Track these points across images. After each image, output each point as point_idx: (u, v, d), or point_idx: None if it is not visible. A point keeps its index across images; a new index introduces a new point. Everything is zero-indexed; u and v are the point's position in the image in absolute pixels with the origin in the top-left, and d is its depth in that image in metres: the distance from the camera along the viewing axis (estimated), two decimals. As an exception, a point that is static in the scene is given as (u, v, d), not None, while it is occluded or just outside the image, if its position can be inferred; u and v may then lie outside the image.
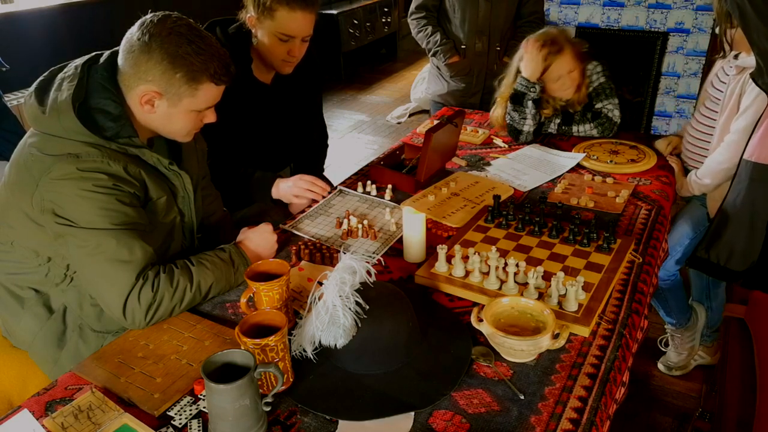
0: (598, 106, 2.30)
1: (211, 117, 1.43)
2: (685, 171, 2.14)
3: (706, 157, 2.05)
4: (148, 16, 1.31)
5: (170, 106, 1.34)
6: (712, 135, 2.04)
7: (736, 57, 1.94)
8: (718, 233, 1.93)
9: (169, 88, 1.31)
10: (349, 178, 2.15)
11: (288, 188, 1.90)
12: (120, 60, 1.33)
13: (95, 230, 1.28)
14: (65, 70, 1.35)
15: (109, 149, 1.31)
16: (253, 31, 1.86)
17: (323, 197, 1.91)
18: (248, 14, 1.83)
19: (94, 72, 1.34)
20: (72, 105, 1.27)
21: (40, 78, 1.35)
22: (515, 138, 2.33)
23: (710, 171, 2.00)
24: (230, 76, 1.37)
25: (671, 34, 3.72)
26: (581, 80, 2.27)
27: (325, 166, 2.44)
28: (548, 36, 2.21)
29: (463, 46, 2.79)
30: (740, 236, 1.89)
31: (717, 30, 1.93)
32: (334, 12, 6.06)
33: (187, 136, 1.44)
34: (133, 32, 1.30)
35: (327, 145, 2.37)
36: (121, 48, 1.33)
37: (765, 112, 1.76)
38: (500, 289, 1.42)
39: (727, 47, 1.94)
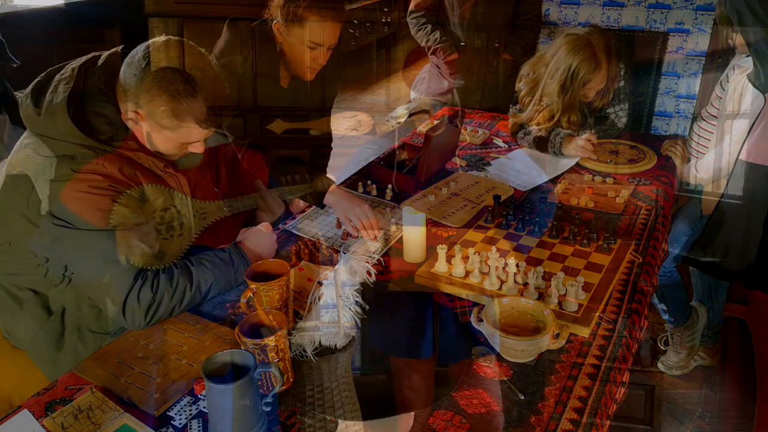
0: (609, 110, 2.28)
1: (198, 149, 1.39)
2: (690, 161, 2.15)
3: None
4: (161, 38, 1.28)
5: (152, 130, 1.32)
6: (714, 133, 2.05)
7: (748, 56, 1.95)
8: (713, 233, 1.94)
9: (152, 116, 1.29)
10: (349, 178, 2.14)
11: (345, 208, 1.74)
12: (122, 68, 1.31)
13: (92, 231, 1.27)
14: (62, 71, 1.34)
15: (104, 151, 1.30)
16: (277, 37, 1.85)
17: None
18: (275, 21, 1.82)
19: (90, 74, 1.33)
20: (66, 108, 1.26)
21: (37, 79, 1.34)
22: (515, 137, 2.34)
23: (706, 167, 2.02)
24: (218, 123, 1.33)
25: (671, 34, 3.71)
26: (606, 87, 2.18)
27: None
28: (589, 49, 2.04)
29: (462, 44, 2.79)
30: (735, 236, 1.89)
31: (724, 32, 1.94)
32: (334, 12, 6.06)
33: (171, 156, 1.42)
34: (139, 49, 1.28)
35: (331, 148, 2.37)
36: (126, 59, 1.30)
37: (761, 113, 1.77)
38: (500, 289, 1.42)
39: (731, 47, 1.94)
